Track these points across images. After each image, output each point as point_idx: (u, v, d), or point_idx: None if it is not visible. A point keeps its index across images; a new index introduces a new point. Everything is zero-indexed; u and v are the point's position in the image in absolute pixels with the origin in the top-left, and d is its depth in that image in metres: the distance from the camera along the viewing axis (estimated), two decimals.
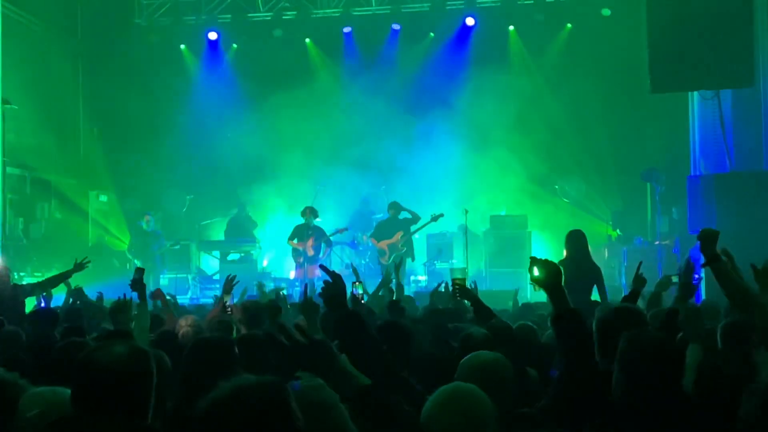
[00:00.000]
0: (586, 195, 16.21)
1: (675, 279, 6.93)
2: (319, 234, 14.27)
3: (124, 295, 5.35)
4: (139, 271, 5.68)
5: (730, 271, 4.00)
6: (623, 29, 15.08)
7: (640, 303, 8.16)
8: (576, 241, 8.64)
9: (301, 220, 14.35)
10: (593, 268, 8.59)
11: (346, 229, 14.93)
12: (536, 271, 3.59)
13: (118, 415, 2.66)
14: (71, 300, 8.14)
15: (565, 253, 8.74)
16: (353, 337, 3.05)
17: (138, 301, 5.53)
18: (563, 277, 3.67)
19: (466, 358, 3.42)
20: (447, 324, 5.77)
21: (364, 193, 16.32)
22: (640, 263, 6.21)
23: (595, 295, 8.42)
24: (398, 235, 14.33)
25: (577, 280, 8.11)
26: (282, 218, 16.33)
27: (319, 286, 4.96)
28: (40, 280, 9.60)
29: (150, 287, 9.55)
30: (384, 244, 14.40)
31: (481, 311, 5.64)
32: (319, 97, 16.56)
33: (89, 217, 16.91)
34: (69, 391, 2.77)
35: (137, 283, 5.58)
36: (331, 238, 14.55)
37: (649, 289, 6.46)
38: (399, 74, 16.47)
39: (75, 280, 8.96)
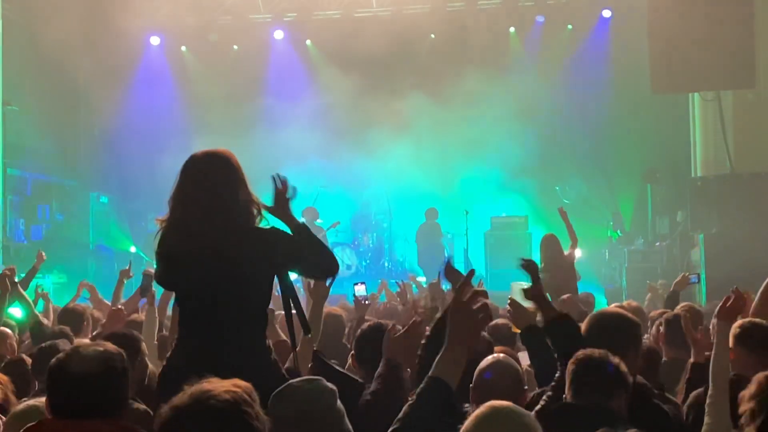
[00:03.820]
0: (586, 196, 16.22)
1: (693, 279, 6.98)
2: (316, 232, 14.30)
3: None
4: (147, 278, 5.69)
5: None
6: (624, 30, 15.09)
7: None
8: (548, 245, 8.69)
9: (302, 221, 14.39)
10: (572, 271, 8.62)
11: (338, 222, 15.02)
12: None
13: (94, 417, 2.68)
14: None
15: (543, 257, 8.76)
16: None
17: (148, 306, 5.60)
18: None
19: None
20: None
21: (366, 194, 16.33)
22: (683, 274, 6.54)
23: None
24: None
25: (561, 284, 8.14)
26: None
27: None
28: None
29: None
30: None
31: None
32: (320, 97, 16.57)
33: (90, 219, 16.92)
34: None
35: (146, 290, 5.62)
36: (328, 233, 14.60)
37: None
38: (399, 75, 16.46)
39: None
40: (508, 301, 4.35)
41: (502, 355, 3.97)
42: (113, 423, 2.70)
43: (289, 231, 3.82)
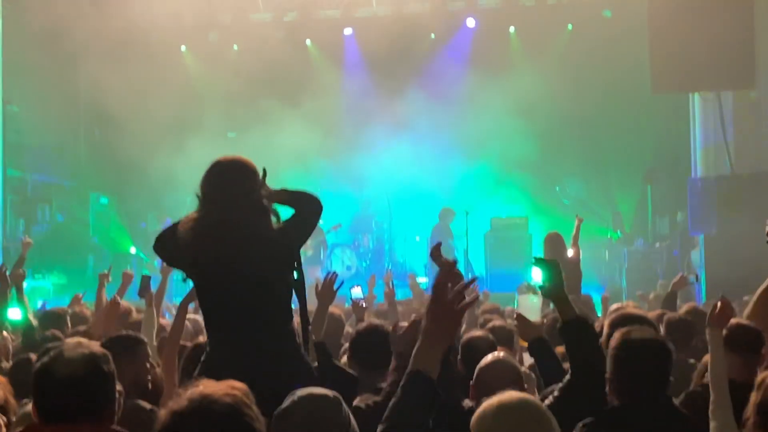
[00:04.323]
0: (586, 196, 16.20)
1: (692, 279, 6.99)
2: (316, 234, 14.28)
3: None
4: (146, 279, 5.75)
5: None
6: (624, 30, 15.07)
7: (643, 304, 8.22)
8: (552, 244, 8.67)
9: None
10: (576, 270, 8.60)
11: (339, 225, 14.97)
12: (539, 277, 3.71)
13: (81, 420, 2.65)
14: None
15: (546, 256, 8.74)
16: None
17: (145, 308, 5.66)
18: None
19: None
20: None
21: (366, 195, 16.32)
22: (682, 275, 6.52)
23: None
24: None
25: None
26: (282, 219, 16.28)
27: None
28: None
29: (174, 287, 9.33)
30: None
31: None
32: (320, 97, 16.56)
33: (90, 220, 16.92)
34: None
35: (144, 291, 5.67)
36: (328, 235, 14.57)
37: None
38: (399, 75, 16.46)
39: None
40: (515, 315, 4.37)
41: (502, 353, 3.99)
42: (102, 427, 2.67)
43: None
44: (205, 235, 3.76)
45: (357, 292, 6.47)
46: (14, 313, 6.66)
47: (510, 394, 2.57)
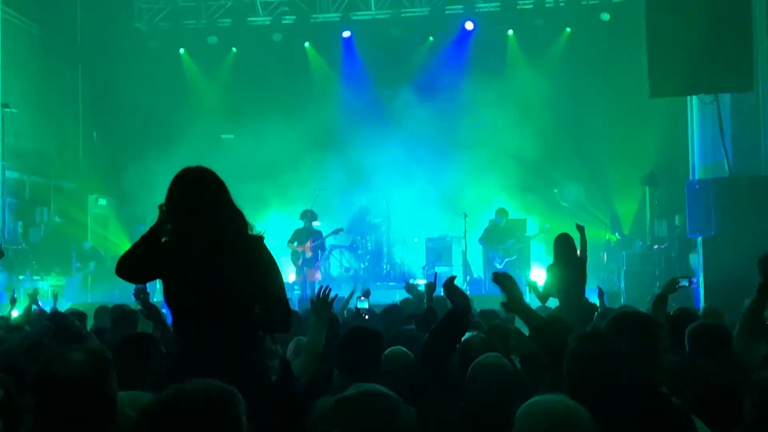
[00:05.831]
0: (585, 199, 16.21)
1: (684, 282, 6.95)
2: (316, 236, 14.27)
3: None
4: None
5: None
6: (622, 33, 15.10)
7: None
8: (565, 244, 8.63)
9: (301, 224, 14.37)
10: (583, 270, 8.57)
11: (341, 229, 14.91)
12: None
13: (83, 423, 2.62)
14: None
15: (556, 256, 8.74)
16: None
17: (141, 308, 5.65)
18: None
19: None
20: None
21: (364, 199, 16.30)
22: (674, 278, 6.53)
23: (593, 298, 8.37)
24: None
25: (572, 283, 8.12)
26: (281, 221, 16.31)
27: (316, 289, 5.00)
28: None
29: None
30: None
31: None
32: (319, 101, 16.58)
33: (88, 222, 16.90)
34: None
35: (140, 292, 5.64)
36: (327, 239, 14.52)
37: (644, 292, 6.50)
38: (398, 78, 16.48)
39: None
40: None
41: (495, 353, 4.00)
42: (102, 428, 2.65)
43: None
44: (181, 253, 3.70)
45: (363, 300, 6.40)
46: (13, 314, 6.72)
47: (556, 397, 2.60)
